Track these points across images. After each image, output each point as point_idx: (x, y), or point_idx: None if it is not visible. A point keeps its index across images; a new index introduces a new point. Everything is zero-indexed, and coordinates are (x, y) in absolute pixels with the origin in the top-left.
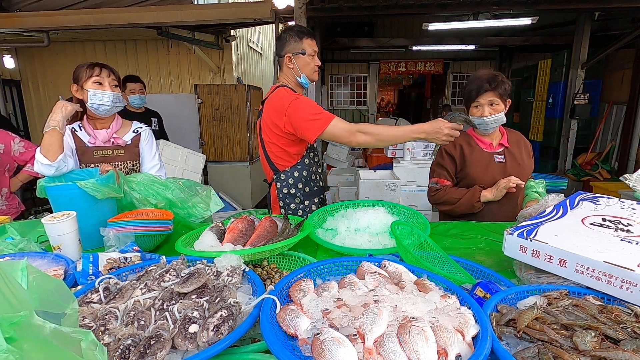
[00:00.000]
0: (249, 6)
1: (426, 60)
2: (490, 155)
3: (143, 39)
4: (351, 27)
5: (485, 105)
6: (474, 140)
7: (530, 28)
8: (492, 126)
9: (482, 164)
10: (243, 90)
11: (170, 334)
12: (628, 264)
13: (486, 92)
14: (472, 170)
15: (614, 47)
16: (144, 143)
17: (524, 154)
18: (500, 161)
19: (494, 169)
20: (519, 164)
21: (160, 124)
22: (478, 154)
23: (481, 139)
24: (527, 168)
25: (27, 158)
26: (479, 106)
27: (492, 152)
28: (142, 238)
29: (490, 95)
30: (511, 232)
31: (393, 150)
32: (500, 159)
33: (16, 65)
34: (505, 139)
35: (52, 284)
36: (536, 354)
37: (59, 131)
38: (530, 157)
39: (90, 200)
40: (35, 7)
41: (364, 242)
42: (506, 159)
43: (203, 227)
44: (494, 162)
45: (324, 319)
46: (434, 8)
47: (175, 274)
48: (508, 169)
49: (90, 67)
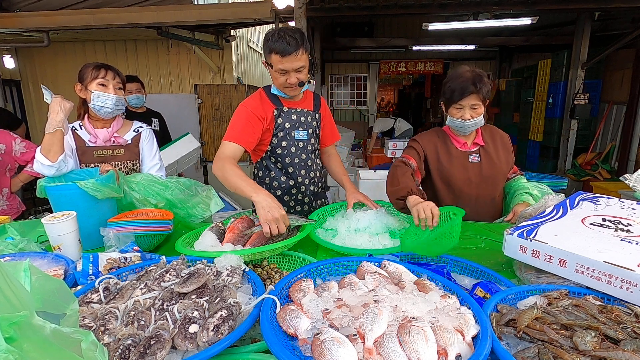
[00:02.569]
0: (249, 6)
1: (426, 60)
2: (464, 155)
3: (143, 39)
4: (351, 27)
5: (466, 108)
6: (450, 139)
7: (530, 28)
8: (470, 129)
9: (457, 162)
10: (243, 90)
11: (170, 334)
12: (628, 264)
13: (470, 95)
14: (446, 169)
15: (614, 47)
16: (144, 142)
17: (500, 150)
18: (475, 161)
19: (469, 168)
20: (495, 163)
21: (162, 125)
22: (453, 153)
23: (456, 138)
24: (504, 165)
25: (28, 158)
26: (461, 108)
27: (467, 152)
28: (142, 238)
29: (474, 99)
30: (511, 232)
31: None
32: (475, 158)
33: (16, 65)
34: (480, 138)
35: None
36: (536, 354)
37: (62, 131)
38: (508, 151)
39: (90, 200)
40: (35, 7)
41: (364, 242)
42: (481, 159)
43: (203, 227)
44: (469, 162)
45: (324, 319)
46: (434, 8)
47: (175, 274)
48: (483, 168)
49: (96, 68)
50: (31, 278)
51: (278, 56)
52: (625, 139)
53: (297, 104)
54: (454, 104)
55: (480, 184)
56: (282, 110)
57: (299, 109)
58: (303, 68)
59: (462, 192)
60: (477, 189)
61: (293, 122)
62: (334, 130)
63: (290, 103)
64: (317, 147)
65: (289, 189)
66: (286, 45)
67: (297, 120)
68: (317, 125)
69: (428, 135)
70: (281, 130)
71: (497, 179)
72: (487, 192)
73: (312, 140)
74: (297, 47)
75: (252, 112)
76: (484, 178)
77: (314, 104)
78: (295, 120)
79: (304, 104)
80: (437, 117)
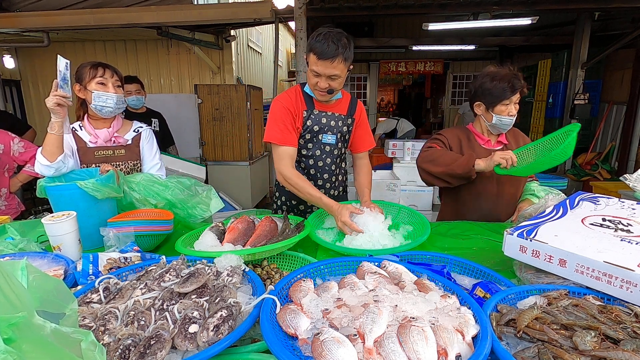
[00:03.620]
0: (249, 6)
1: (426, 60)
2: (488, 152)
3: (143, 39)
4: (351, 27)
5: (512, 103)
6: (473, 136)
7: (530, 28)
8: (509, 127)
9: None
10: (243, 90)
11: (170, 334)
12: (628, 264)
13: (517, 91)
14: None
15: (614, 47)
16: (144, 142)
17: None
18: None
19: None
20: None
21: (163, 125)
22: (477, 149)
23: (481, 136)
24: None
25: (26, 158)
26: (509, 104)
27: (490, 149)
28: (142, 238)
29: (518, 95)
30: (511, 232)
31: (393, 151)
32: None
33: (16, 65)
34: (503, 136)
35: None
36: (536, 354)
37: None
38: None
39: (90, 200)
40: (35, 7)
41: (364, 242)
42: None
43: (203, 227)
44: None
45: (324, 319)
46: (434, 8)
47: (175, 274)
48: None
49: (94, 67)
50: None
51: (315, 57)
52: (625, 139)
53: (329, 107)
54: (502, 101)
55: (502, 182)
56: (312, 112)
57: (329, 113)
58: (337, 77)
59: (485, 188)
60: (499, 186)
61: (322, 126)
62: (367, 136)
63: (322, 106)
64: (343, 151)
65: None
66: (325, 48)
67: (326, 123)
68: (348, 130)
69: (453, 131)
70: (309, 132)
71: (519, 179)
72: (508, 190)
73: (340, 145)
74: (335, 54)
75: (286, 107)
76: (507, 177)
77: (349, 108)
78: (324, 123)
79: (336, 107)
80: (437, 117)
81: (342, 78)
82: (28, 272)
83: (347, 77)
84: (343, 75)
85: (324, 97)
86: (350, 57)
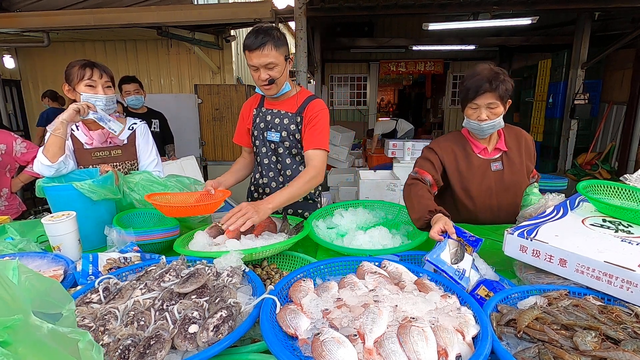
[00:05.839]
0: (249, 6)
1: (426, 60)
2: (486, 163)
3: (143, 39)
4: (351, 27)
5: (482, 107)
6: (469, 145)
7: (530, 28)
8: (488, 132)
9: (478, 172)
10: (243, 90)
11: (170, 334)
12: (628, 264)
13: (485, 93)
14: (467, 180)
15: (614, 47)
16: (140, 139)
17: (524, 155)
18: (498, 169)
19: (491, 177)
20: (518, 170)
21: (163, 125)
22: (474, 162)
23: (476, 142)
24: (527, 172)
25: (28, 159)
26: (476, 108)
27: (488, 160)
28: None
29: (490, 97)
30: (511, 232)
31: (393, 151)
32: (497, 166)
33: (16, 65)
34: (502, 142)
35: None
36: (536, 354)
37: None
38: (531, 157)
39: (87, 201)
40: (35, 7)
41: (364, 242)
42: (504, 166)
43: (203, 227)
44: (490, 171)
45: (324, 319)
46: (434, 8)
47: (175, 274)
48: (505, 176)
49: (82, 68)
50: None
51: (248, 51)
52: (625, 139)
53: (277, 105)
54: (469, 103)
55: (501, 193)
56: (260, 111)
57: (275, 110)
58: (274, 65)
59: (483, 202)
60: (498, 198)
61: (267, 123)
62: (315, 136)
63: (271, 104)
64: (294, 150)
65: (258, 186)
66: (254, 40)
67: (270, 121)
68: (297, 128)
69: (446, 142)
70: (256, 129)
71: (519, 187)
72: (508, 200)
73: (287, 143)
74: (262, 42)
75: (243, 110)
76: (506, 187)
77: (300, 106)
78: (269, 121)
79: (284, 105)
80: (437, 117)
81: (280, 66)
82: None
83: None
84: (280, 62)
85: (269, 90)
86: (283, 45)
